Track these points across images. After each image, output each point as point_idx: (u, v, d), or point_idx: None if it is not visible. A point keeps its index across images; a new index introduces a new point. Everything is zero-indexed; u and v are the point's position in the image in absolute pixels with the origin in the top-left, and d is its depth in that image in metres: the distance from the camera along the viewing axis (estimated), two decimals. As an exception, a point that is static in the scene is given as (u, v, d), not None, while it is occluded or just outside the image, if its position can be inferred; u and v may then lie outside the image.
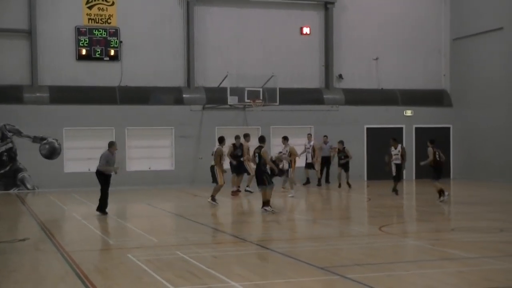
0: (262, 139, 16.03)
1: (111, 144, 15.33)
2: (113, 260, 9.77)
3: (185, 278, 8.47)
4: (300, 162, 23.29)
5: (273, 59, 25.24)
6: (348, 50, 26.24)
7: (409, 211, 16.85)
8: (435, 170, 17.79)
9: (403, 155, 19.45)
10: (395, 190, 19.37)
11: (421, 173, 26.45)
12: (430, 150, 17.81)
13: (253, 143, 21.15)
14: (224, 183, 16.84)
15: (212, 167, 17.07)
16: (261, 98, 22.85)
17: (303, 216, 15.61)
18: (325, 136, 23.48)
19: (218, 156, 16.85)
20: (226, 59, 24.72)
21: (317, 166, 23.20)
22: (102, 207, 15.05)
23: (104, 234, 12.64)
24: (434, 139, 18.49)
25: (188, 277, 8.56)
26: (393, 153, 19.66)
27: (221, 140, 17.34)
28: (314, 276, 8.65)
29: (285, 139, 19.88)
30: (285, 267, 9.21)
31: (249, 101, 22.72)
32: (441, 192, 17.61)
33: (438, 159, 17.75)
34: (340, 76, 26.15)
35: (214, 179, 17.48)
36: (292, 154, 19.52)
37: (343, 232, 12.86)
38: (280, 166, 19.21)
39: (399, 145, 19.93)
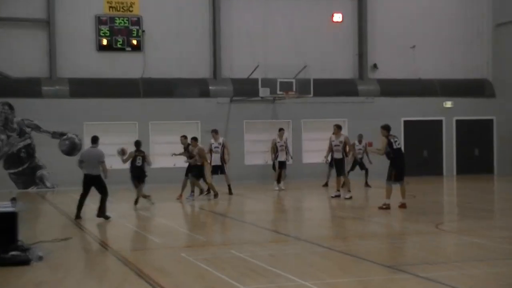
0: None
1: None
2: (168, 259, 10.02)
3: (250, 277, 8.71)
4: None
5: (302, 48, 25.40)
6: (383, 38, 26.37)
7: (460, 209, 17.00)
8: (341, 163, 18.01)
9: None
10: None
11: (462, 169, 26.62)
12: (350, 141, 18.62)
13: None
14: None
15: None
16: (294, 89, 23.03)
17: (348, 214, 15.82)
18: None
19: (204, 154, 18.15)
20: (253, 48, 24.95)
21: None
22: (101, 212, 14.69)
23: (147, 233, 12.93)
24: (340, 125, 19.18)
25: (252, 275, 8.80)
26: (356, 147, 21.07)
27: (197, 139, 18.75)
28: (385, 274, 8.86)
29: (280, 130, 21.19)
30: (350, 266, 9.43)
31: (281, 93, 22.93)
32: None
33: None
34: (375, 66, 26.30)
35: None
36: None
37: (399, 230, 13.07)
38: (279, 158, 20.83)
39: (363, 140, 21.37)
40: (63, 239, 11.75)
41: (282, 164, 21.06)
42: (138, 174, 16.71)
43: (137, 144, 17.04)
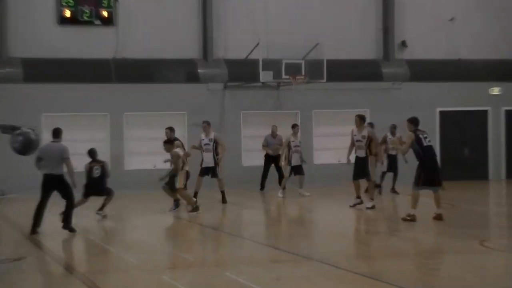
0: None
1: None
2: (147, 283, 10.01)
3: (250, 306, 8.72)
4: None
5: (313, 22, 25.42)
6: (413, 9, 26.44)
7: (510, 221, 17.01)
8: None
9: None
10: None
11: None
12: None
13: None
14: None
15: None
16: (303, 73, 23.04)
17: (371, 227, 15.84)
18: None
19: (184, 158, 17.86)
20: (253, 23, 24.96)
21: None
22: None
23: (120, 251, 12.91)
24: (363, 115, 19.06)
25: (253, 304, 8.81)
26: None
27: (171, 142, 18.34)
28: (417, 302, 8.86)
29: (295, 127, 21.44)
30: (374, 292, 9.43)
31: (287, 77, 22.94)
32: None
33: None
34: (404, 44, 26.35)
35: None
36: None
37: (433, 247, 13.07)
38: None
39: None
40: (16, 259, 11.72)
41: (298, 170, 20.97)
42: (96, 189, 16.76)
43: (92, 153, 17.21)
